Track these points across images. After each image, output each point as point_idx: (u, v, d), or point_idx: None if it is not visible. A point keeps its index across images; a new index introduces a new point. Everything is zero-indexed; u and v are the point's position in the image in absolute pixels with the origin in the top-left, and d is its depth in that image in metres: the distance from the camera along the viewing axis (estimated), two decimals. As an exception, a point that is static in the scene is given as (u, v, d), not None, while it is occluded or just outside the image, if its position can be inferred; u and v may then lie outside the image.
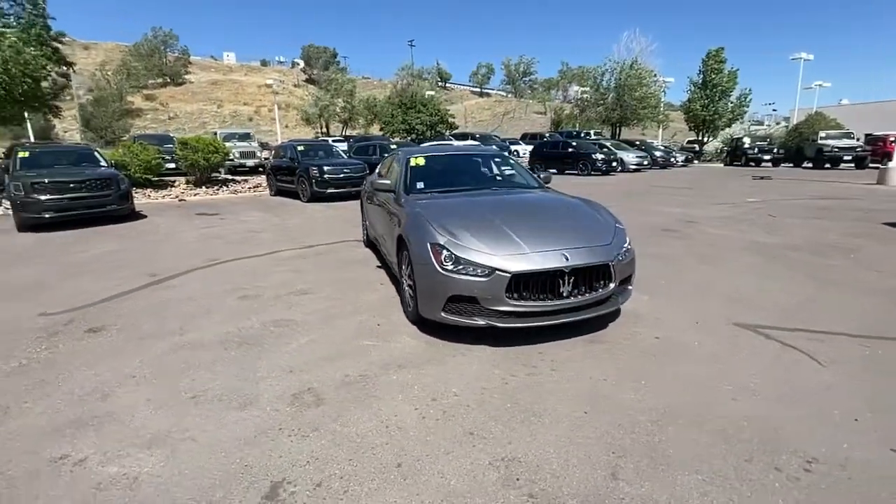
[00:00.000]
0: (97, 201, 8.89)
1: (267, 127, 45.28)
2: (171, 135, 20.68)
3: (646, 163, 21.83)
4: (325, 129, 44.07)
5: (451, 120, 25.68)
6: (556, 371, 2.82)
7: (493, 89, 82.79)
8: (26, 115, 21.39)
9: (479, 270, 2.99)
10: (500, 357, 3.00)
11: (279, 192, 13.27)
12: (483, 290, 2.98)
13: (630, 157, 21.54)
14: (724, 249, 5.84)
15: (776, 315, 3.62)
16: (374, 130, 35.08)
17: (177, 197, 13.42)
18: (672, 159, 24.36)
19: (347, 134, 35.31)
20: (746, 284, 4.42)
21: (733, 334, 3.30)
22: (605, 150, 20.65)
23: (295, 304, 4.15)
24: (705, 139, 29.40)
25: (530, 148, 23.71)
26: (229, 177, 17.00)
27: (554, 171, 20.57)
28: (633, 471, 1.94)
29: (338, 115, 41.53)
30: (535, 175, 4.97)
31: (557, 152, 21.24)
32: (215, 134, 18.10)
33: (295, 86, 64.27)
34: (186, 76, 56.87)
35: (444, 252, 3.10)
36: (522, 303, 3.00)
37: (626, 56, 27.75)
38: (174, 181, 14.93)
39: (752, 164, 24.46)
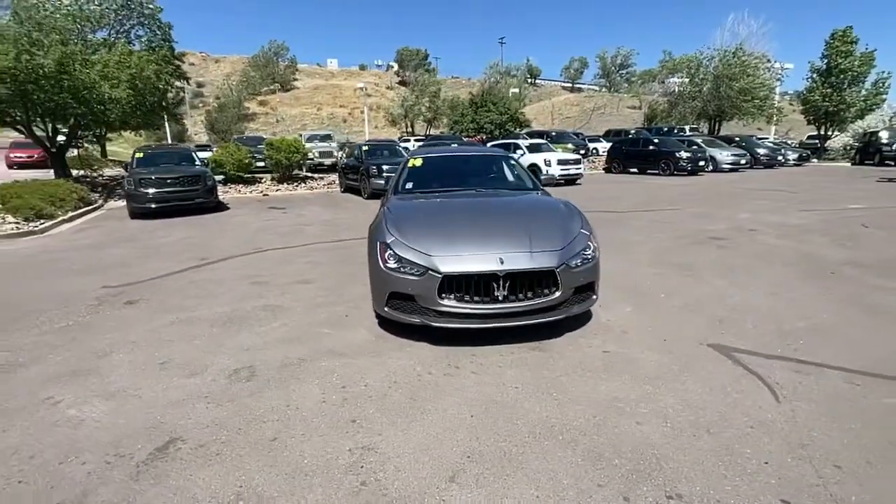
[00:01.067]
0: (188, 194, 10.43)
1: (358, 128, 48.35)
2: (265, 136, 23.13)
3: (743, 162, 19.43)
4: (409, 129, 45.94)
5: (521, 118, 25.20)
6: (477, 374, 2.83)
7: (585, 84, 79.22)
8: (165, 119, 25.51)
9: (414, 270, 3.10)
10: (433, 355, 3.08)
11: (347, 189, 14.12)
12: (418, 289, 3.08)
13: (723, 155, 19.36)
14: (764, 262, 5.15)
15: (768, 339, 3.18)
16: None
17: (262, 192, 15.13)
18: (780, 157, 21.33)
19: (430, 133, 36.46)
20: (757, 303, 3.90)
21: (696, 355, 2.99)
22: (694, 147, 18.81)
23: (292, 292, 4.60)
24: (829, 133, 25.17)
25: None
26: (309, 174, 18.67)
27: (634, 170, 19.29)
28: (473, 477, 1.94)
29: (422, 115, 43.03)
30: (534, 177, 4.86)
31: (637, 150, 19.81)
32: (300, 135, 19.96)
33: (388, 88, 67.79)
34: (294, 82, 63.04)
35: (388, 251, 3.25)
36: (456, 304, 3.05)
37: (731, 42, 24.81)
38: (262, 178, 16.81)
39: (890, 163, 20.45)
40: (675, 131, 26.84)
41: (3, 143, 22.58)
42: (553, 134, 25.35)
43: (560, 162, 15.06)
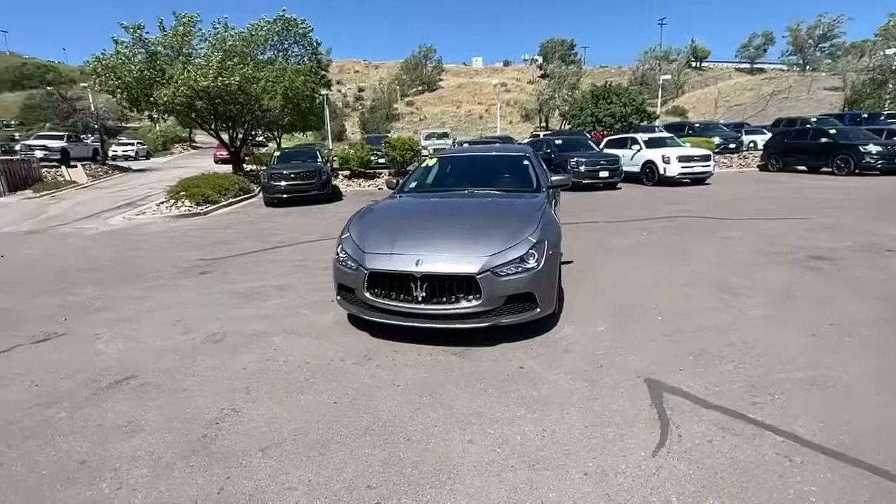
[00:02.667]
0: (306, 187, 12.27)
1: (493, 123, 49.08)
2: (388, 135, 25.28)
3: (977, 158, 14.17)
4: (544, 124, 44.84)
5: (650, 109, 22.35)
6: (379, 367, 2.96)
7: (769, 63, 66.20)
8: (318, 121, 29.90)
9: (352, 264, 3.35)
10: (361, 345, 3.30)
11: None
12: (354, 283, 3.33)
13: (942, 149, 14.42)
14: (854, 295, 3.94)
15: (732, 387, 2.56)
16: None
17: (378, 186, 16.80)
18: None
19: (568, 128, 35.06)
20: (775, 343, 3.09)
21: (617, 388, 2.60)
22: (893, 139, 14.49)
23: (314, 274, 5.24)
24: None
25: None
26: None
27: (802, 168, 15.72)
28: (285, 452, 2.16)
29: (558, 108, 41.57)
30: (541, 178, 4.59)
31: (804, 144, 16.07)
32: (416, 133, 21.36)
33: (529, 82, 67.07)
34: (439, 82, 66.91)
35: (339, 245, 3.56)
36: (381, 300, 3.21)
37: None
38: (382, 173, 18.59)
39: None
40: (884, 117, 20.89)
41: (213, 143, 29.37)
42: (697, 126, 22.12)
43: (682, 158, 13.23)
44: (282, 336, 3.55)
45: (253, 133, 21.25)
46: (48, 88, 47.01)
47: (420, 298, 3.08)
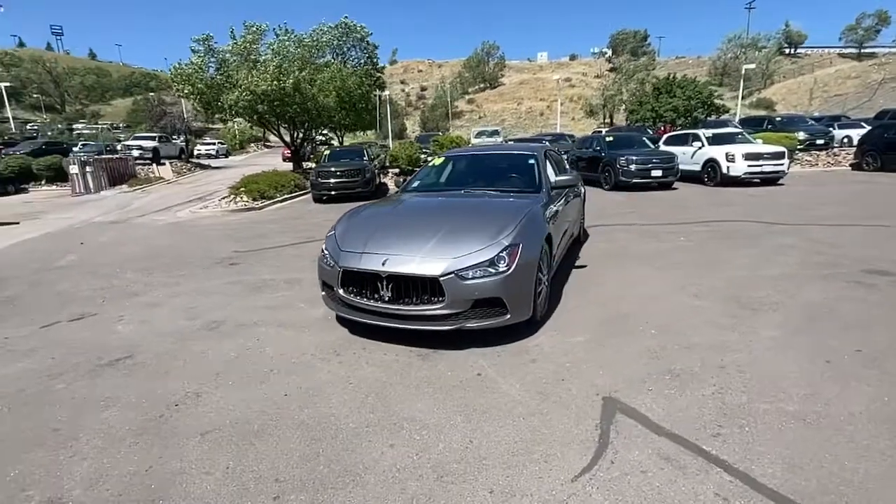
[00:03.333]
0: (349, 184, 12.74)
1: (555, 120, 47.74)
2: (439, 134, 25.44)
3: None
4: (609, 120, 42.79)
5: (718, 102, 20.24)
6: (341, 364, 3.02)
7: (882, 47, 57.93)
8: (389, 119, 30.84)
9: (331, 262, 3.44)
10: (334, 341, 3.38)
11: None
12: (331, 280, 3.42)
13: None
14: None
15: (697, 413, 2.30)
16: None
17: (424, 184, 17.05)
18: None
19: (626, 124, 33.17)
20: (771, 370, 2.73)
21: (569, 404, 2.43)
22: None
23: (326, 271, 5.44)
24: None
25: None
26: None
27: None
28: (218, 438, 2.27)
29: (623, 103, 39.43)
30: (544, 180, 4.38)
31: (909, 139, 13.93)
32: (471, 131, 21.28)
33: (596, 77, 64.28)
34: (501, 79, 66.19)
35: (324, 243, 3.67)
36: (353, 298, 3.26)
37: None
38: (429, 171, 18.82)
39: None
40: None
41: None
42: (779, 119, 19.88)
43: (749, 156, 12.01)
44: (270, 327, 3.73)
45: (313, 132, 22.40)
46: (150, 94, 53.03)
47: (386, 298, 3.09)
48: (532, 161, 4.70)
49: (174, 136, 33.38)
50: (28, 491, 1.97)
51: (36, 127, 46.27)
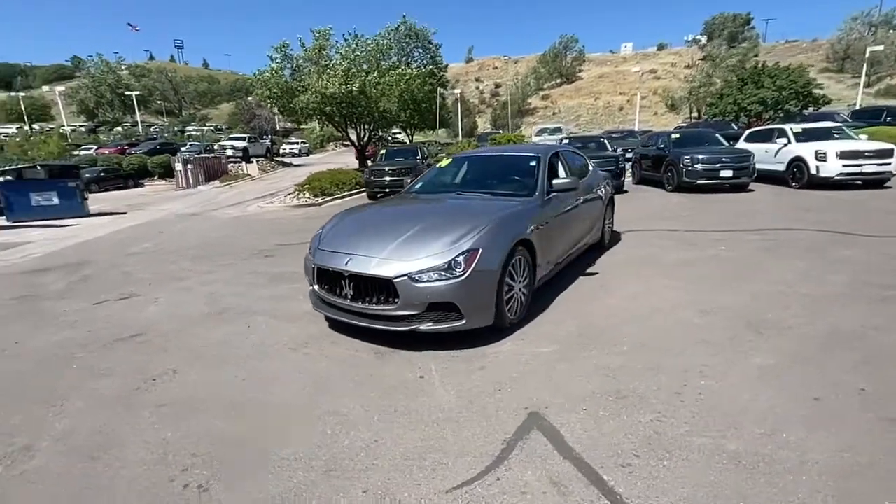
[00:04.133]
0: (401, 182, 13.14)
1: (635, 115, 44.98)
2: (498, 132, 25.06)
3: None
4: (696, 115, 39.25)
5: (818, 93, 17.36)
6: (306, 355, 3.21)
7: None
8: (460, 117, 31.28)
9: (308, 258, 3.65)
10: (308, 334, 3.58)
11: (642, 181, 13.64)
12: (308, 276, 3.63)
13: None
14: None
15: (630, 439, 2.12)
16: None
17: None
18: None
19: (704, 118, 30.15)
20: (738, 396, 2.41)
21: (491, 415, 2.37)
22: None
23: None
24: None
25: None
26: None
27: None
28: (172, 409, 2.56)
29: (710, 96, 35.81)
30: (542, 183, 4.22)
31: None
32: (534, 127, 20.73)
33: (686, 67, 59.20)
34: (579, 73, 63.52)
35: (311, 241, 3.89)
36: (324, 294, 3.45)
37: None
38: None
39: None
40: None
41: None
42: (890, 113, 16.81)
43: (844, 155, 10.37)
44: (265, 316, 4.06)
45: (380, 132, 23.36)
46: (248, 98, 58.75)
47: (349, 296, 3.23)
48: (534, 163, 4.54)
49: (262, 137, 36.69)
50: (15, 438, 2.39)
51: (157, 129, 53.49)
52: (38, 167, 13.92)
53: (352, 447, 2.18)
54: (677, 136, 12.94)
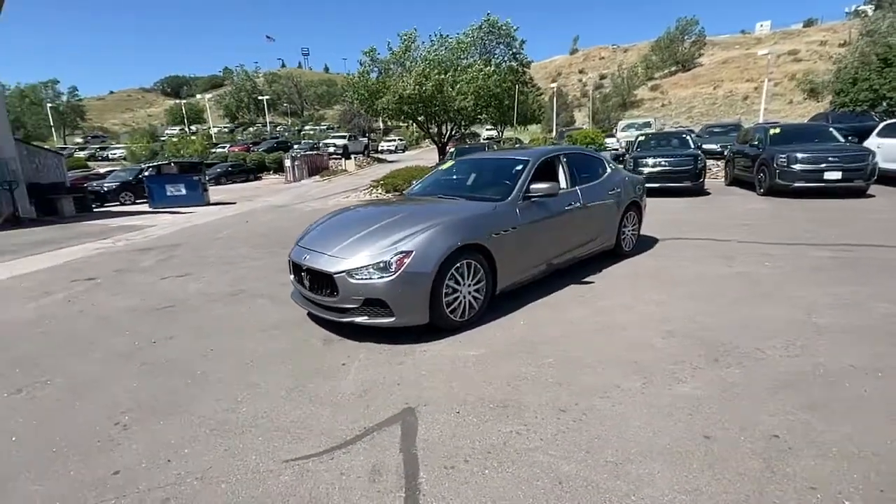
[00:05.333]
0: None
1: (767, 105, 39.26)
2: (581, 128, 23.67)
3: None
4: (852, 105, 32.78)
5: None
6: (270, 337, 3.70)
7: None
8: (555, 112, 30.59)
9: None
10: (292, 318, 4.08)
11: (735, 182, 12.05)
12: (289, 268, 4.13)
13: None
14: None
15: (470, 446, 2.18)
16: None
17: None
18: None
19: (833, 108, 24.89)
20: (621, 421, 2.27)
21: (366, 404, 2.57)
22: None
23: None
24: None
25: None
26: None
27: None
28: (146, 368, 3.22)
29: (840, 80, 29.56)
30: (520, 188, 4.19)
31: None
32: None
33: (841, 45, 49.64)
34: (698, 59, 57.01)
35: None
36: (296, 284, 3.91)
37: None
38: (561, 168, 18.06)
39: None
40: None
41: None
42: None
43: None
44: (267, 300, 4.68)
45: (462, 129, 23.82)
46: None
47: (308, 287, 3.64)
48: (519, 167, 4.50)
49: (362, 135, 39.63)
50: (41, 376, 3.23)
51: (281, 129, 60.71)
52: (172, 164, 16.96)
53: (245, 414, 2.58)
54: (776, 130, 11.18)
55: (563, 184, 4.84)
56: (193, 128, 59.74)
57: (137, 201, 17.67)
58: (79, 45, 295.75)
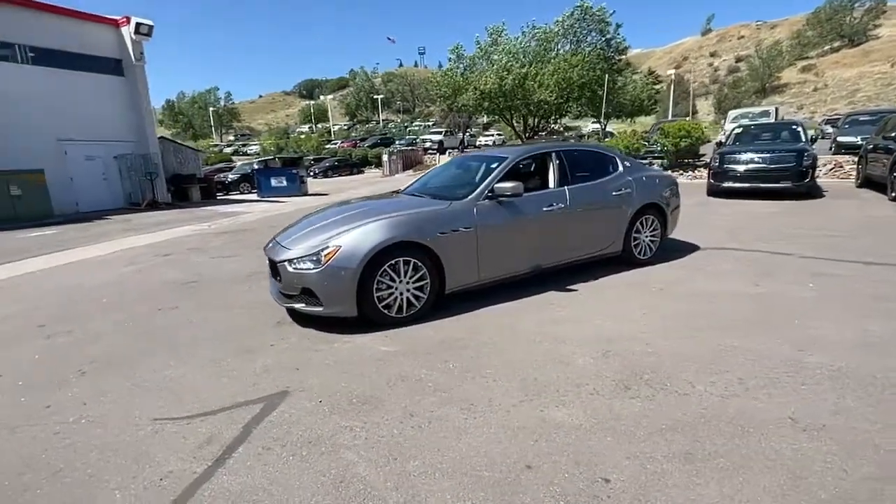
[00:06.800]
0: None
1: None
2: (666, 121, 20.79)
3: None
4: None
5: None
6: (248, 312, 4.16)
7: None
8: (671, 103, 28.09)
9: (277, 241, 4.56)
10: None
11: (867, 183, 9.99)
12: (276, 254, 4.56)
13: None
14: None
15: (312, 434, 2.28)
16: None
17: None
18: None
19: None
20: (482, 447, 2.14)
21: (260, 380, 2.79)
22: None
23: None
24: None
25: None
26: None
27: None
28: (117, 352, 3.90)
29: None
30: (484, 187, 4.04)
31: None
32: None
33: None
34: (872, 31, 46.28)
35: (291, 227, 4.79)
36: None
37: None
38: (651, 164, 16.31)
39: None
40: None
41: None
42: None
43: None
44: (266, 282, 5.23)
45: (551, 123, 22.93)
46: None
47: (270, 275, 4.02)
48: (494, 166, 4.31)
49: (462, 130, 40.31)
50: (68, 329, 4.10)
51: (391, 126, 64.61)
52: (276, 159, 19.29)
53: (163, 376, 3.00)
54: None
55: (551, 183, 4.53)
56: (319, 126, 66.71)
57: (252, 191, 20.52)
58: (236, 57, 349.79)
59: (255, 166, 18.88)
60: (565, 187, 4.50)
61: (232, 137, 66.92)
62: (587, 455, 2.05)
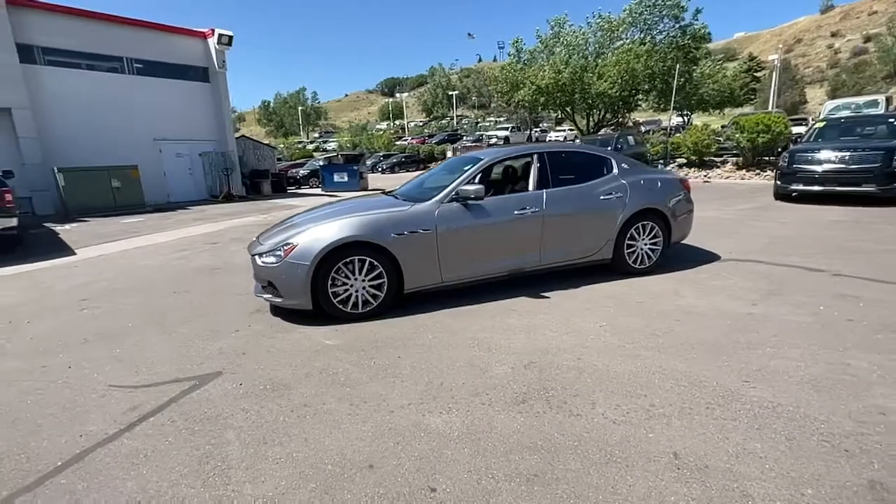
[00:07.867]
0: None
1: None
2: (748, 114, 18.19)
3: None
4: None
5: None
6: (237, 296, 4.61)
7: None
8: (773, 92, 25.46)
9: (273, 235, 4.96)
10: (267, 289, 4.95)
11: None
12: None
13: None
14: None
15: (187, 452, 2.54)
16: None
17: (704, 177, 13.79)
18: None
19: None
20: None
21: (203, 361, 3.12)
22: None
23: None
24: None
25: None
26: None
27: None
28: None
29: None
30: (444, 193, 4.08)
31: None
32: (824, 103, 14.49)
33: None
34: None
35: (289, 222, 5.17)
36: (262, 262, 4.72)
37: None
38: (724, 161, 14.71)
39: None
40: None
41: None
42: None
43: None
44: (275, 272, 5.69)
45: (619, 116, 21.62)
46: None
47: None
48: (467, 167, 4.28)
49: (531, 126, 39.44)
50: (100, 307, 4.83)
51: (465, 122, 64.99)
52: (339, 156, 20.43)
53: (136, 351, 3.46)
54: None
55: (530, 186, 4.40)
56: (396, 122, 69.15)
57: (319, 185, 22.01)
58: (322, 58, 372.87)
59: (321, 163, 20.20)
60: (543, 190, 4.34)
61: (316, 135, 71.95)
62: (432, 463, 2.06)
